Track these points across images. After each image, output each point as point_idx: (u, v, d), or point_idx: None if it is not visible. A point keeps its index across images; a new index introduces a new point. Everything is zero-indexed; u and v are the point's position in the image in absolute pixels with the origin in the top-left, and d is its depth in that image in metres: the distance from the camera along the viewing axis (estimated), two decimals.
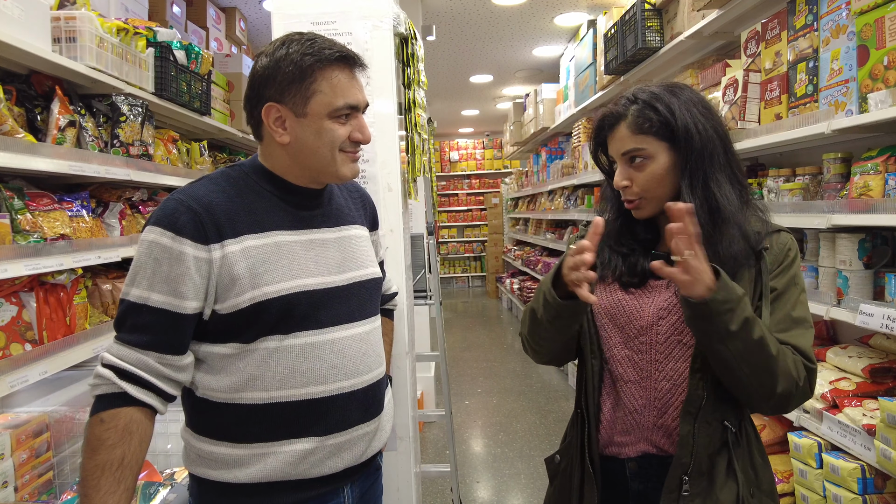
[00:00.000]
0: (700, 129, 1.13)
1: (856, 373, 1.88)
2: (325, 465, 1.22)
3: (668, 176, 1.16)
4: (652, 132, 1.15)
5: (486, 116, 10.45)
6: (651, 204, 1.18)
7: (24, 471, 1.64)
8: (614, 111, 1.20)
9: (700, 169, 1.13)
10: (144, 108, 2.24)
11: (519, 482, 3.49)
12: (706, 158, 1.13)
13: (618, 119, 1.19)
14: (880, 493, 1.73)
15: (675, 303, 1.17)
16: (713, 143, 1.14)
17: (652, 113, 1.14)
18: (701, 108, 1.15)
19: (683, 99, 1.15)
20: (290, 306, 1.18)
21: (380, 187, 1.87)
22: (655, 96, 1.16)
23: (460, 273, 12.35)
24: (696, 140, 1.12)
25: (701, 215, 1.10)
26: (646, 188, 1.17)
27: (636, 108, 1.16)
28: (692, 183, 1.13)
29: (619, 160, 1.20)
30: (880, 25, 1.65)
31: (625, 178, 1.18)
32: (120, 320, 1.13)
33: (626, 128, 1.17)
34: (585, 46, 4.69)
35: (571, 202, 5.51)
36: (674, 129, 1.13)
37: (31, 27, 1.70)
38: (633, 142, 1.16)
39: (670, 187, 1.16)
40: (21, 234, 1.65)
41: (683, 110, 1.14)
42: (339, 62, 1.19)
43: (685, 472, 1.11)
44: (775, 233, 1.17)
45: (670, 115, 1.13)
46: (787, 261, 1.15)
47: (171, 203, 1.15)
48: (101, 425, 1.08)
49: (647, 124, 1.15)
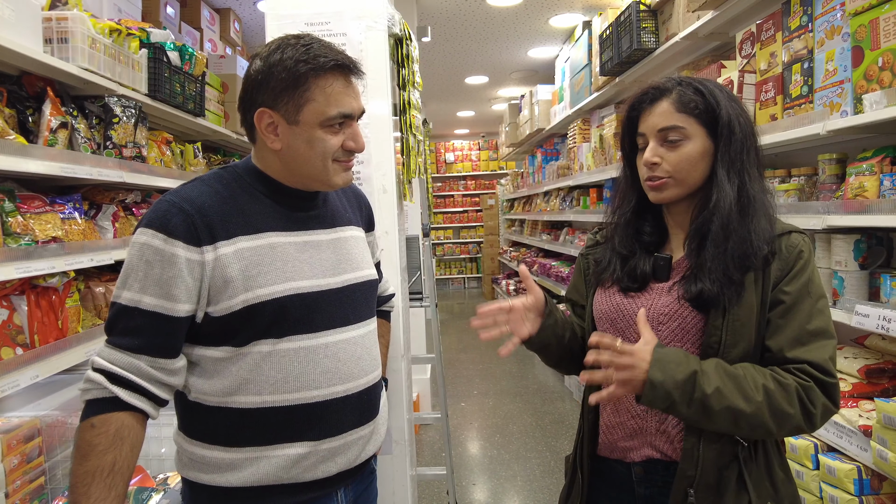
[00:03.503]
0: (742, 123, 1.14)
1: (851, 374, 1.88)
2: (319, 470, 1.21)
3: (701, 161, 1.15)
4: (695, 114, 1.14)
5: (481, 118, 10.44)
6: (676, 187, 1.16)
7: (15, 476, 1.62)
8: (659, 85, 1.18)
9: (739, 160, 1.13)
10: (138, 110, 2.23)
11: (515, 484, 3.48)
12: (744, 151, 1.14)
13: (662, 94, 1.17)
14: (877, 494, 1.73)
15: (675, 309, 1.15)
16: (750, 139, 1.15)
17: (699, 97, 1.15)
18: (738, 105, 1.17)
19: (725, 92, 1.17)
20: (284, 309, 1.17)
21: (374, 189, 1.86)
22: (701, 82, 1.17)
23: (456, 274, 12.34)
24: (737, 132, 1.13)
25: (734, 204, 1.11)
26: (677, 168, 1.15)
27: (682, 89, 1.16)
28: (729, 172, 1.13)
29: (654, 137, 1.17)
30: (875, 26, 1.65)
31: (656, 154, 1.16)
32: (111, 323, 1.12)
33: (670, 104, 1.15)
34: (581, 48, 4.69)
35: (567, 203, 5.51)
36: (717, 116, 1.13)
37: (22, 28, 1.68)
38: (675, 119, 1.14)
39: (700, 173, 1.16)
40: (12, 237, 1.63)
41: (727, 101, 1.15)
42: (334, 70, 1.17)
43: (690, 484, 1.09)
44: (785, 234, 1.14)
45: (715, 103, 1.14)
46: (798, 266, 1.10)
47: (162, 205, 1.14)
48: (91, 430, 1.06)
49: (693, 104, 1.14)
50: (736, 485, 1.09)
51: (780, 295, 1.09)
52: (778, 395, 1.04)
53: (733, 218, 1.11)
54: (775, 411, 1.03)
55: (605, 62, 3.77)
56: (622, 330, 1.20)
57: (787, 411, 1.03)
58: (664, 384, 1.03)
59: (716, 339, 1.10)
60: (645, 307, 1.17)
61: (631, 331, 1.19)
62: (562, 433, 4.18)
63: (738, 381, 1.04)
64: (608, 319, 1.23)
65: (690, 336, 1.14)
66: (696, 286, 1.11)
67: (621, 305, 1.21)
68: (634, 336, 1.18)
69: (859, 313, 1.69)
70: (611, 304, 1.23)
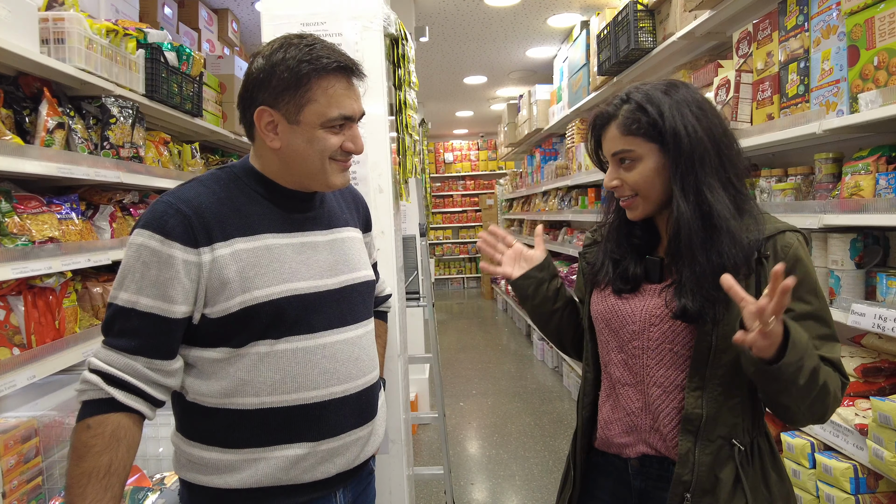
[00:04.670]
0: (689, 130, 1.10)
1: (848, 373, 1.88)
2: (318, 471, 1.21)
3: (658, 177, 1.14)
4: (640, 133, 1.13)
5: (480, 118, 10.45)
6: (644, 204, 1.17)
7: (12, 476, 1.62)
8: (605, 111, 1.19)
9: (691, 172, 1.10)
10: (135, 110, 2.23)
11: (513, 484, 3.48)
12: (696, 161, 1.10)
13: (608, 119, 1.18)
14: (872, 493, 1.73)
15: (665, 312, 1.14)
16: (703, 145, 1.10)
17: (641, 114, 1.13)
18: (695, 109, 1.12)
19: (676, 99, 1.12)
20: (281, 310, 1.17)
21: (371, 189, 1.86)
22: (648, 96, 1.13)
23: (455, 274, 12.34)
24: (684, 142, 1.10)
25: (693, 221, 1.08)
26: (636, 188, 1.16)
27: (627, 109, 1.15)
28: (684, 186, 1.10)
29: (610, 161, 1.19)
30: (870, 26, 1.65)
31: (613, 178, 1.18)
32: (108, 324, 1.12)
33: (616, 128, 1.16)
34: (578, 47, 4.69)
35: (565, 203, 5.51)
36: (662, 130, 1.11)
37: (18, 28, 1.68)
38: (622, 143, 1.15)
39: (661, 189, 1.15)
40: (9, 238, 1.63)
41: (674, 111, 1.11)
42: (336, 72, 1.17)
43: (687, 489, 1.09)
44: (779, 234, 1.11)
45: (658, 117, 1.11)
46: (797, 270, 1.07)
47: (160, 206, 1.14)
48: (87, 431, 1.06)
49: (636, 125, 1.13)
50: (732, 488, 1.09)
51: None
52: (832, 378, 1.07)
53: (695, 234, 1.08)
54: (833, 395, 1.06)
55: (602, 62, 3.77)
56: (616, 330, 1.22)
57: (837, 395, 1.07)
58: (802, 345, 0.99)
59: (706, 344, 1.10)
60: (637, 308, 1.19)
61: (625, 331, 1.20)
62: (560, 433, 4.18)
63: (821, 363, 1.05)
64: (603, 320, 1.25)
65: (682, 339, 1.14)
66: (678, 302, 1.11)
67: (615, 307, 1.23)
68: (627, 336, 1.20)
69: (856, 312, 1.69)
70: (605, 306, 1.25)
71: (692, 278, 1.09)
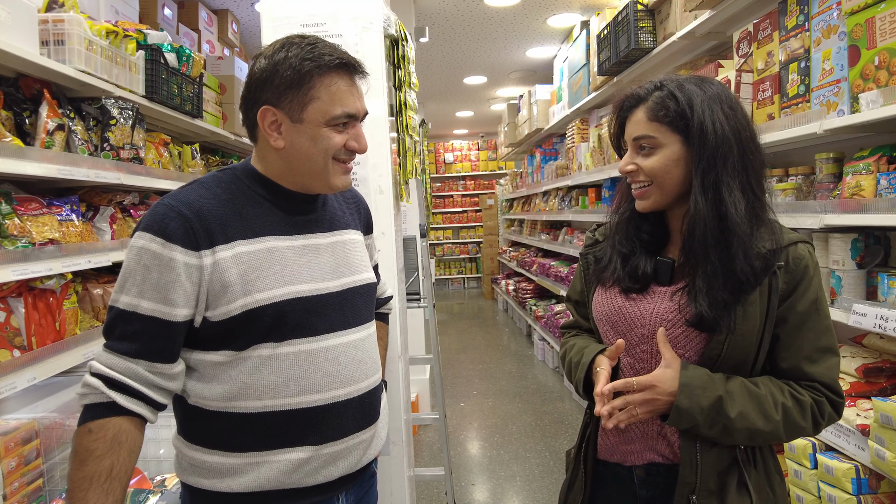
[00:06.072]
0: (717, 127, 1.08)
1: (849, 373, 1.88)
2: (320, 474, 1.20)
3: (676, 168, 1.12)
4: (666, 122, 1.12)
5: (480, 118, 10.45)
6: (657, 194, 1.15)
7: (12, 478, 1.62)
8: (636, 93, 1.17)
9: (713, 169, 1.08)
10: (135, 112, 2.23)
11: (514, 484, 3.48)
12: (718, 159, 1.08)
13: (637, 102, 1.16)
14: (874, 494, 1.73)
15: (677, 316, 1.13)
16: (728, 144, 1.08)
17: (671, 102, 1.11)
18: (726, 107, 1.10)
19: (709, 94, 1.11)
20: (283, 314, 1.16)
21: (371, 190, 1.86)
22: (681, 86, 1.13)
23: (456, 274, 12.34)
24: (710, 138, 1.08)
25: (710, 220, 1.07)
26: (652, 175, 1.14)
27: (658, 95, 1.14)
28: (704, 182, 1.09)
29: (630, 145, 1.17)
30: (871, 25, 1.65)
31: (629, 162, 1.16)
32: (109, 328, 1.12)
33: (643, 112, 1.14)
34: (579, 47, 4.69)
35: (566, 203, 5.51)
36: (689, 122, 1.10)
37: (18, 30, 1.68)
38: (646, 128, 1.13)
39: (677, 180, 1.13)
40: (9, 240, 1.63)
41: (705, 105, 1.09)
42: (339, 69, 1.17)
43: (692, 491, 1.09)
44: (792, 245, 1.10)
45: (688, 108, 1.10)
46: (806, 280, 1.09)
47: (160, 208, 1.14)
48: (89, 435, 1.06)
49: (663, 113, 1.12)
50: (737, 489, 1.09)
51: (789, 313, 1.09)
52: (794, 412, 1.07)
53: (710, 233, 1.07)
54: (790, 427, 1.08)
55: (602, 62, 3.77)
56: (623, 333, 1.19)
57: (800, 425, 1.08)
58: (690, 411, 1.06)
59: (716, 352, 1.10)
60: (646, 311, 1.16)
61: (632, 334, 1.18)
62: (561, 433, 4.18)
63: (759, 402, 1.06)
64: (608, 321, 1.22)
65: (693, 345, 1.12)
66: (694, 308, 1.09)
67: (623, 308, 1.20)
68: (635, 339, 1.17)
69: (857, 312, 1.69)
70: (612, 307, 1.22)
71: (705, 280, 1.08)
